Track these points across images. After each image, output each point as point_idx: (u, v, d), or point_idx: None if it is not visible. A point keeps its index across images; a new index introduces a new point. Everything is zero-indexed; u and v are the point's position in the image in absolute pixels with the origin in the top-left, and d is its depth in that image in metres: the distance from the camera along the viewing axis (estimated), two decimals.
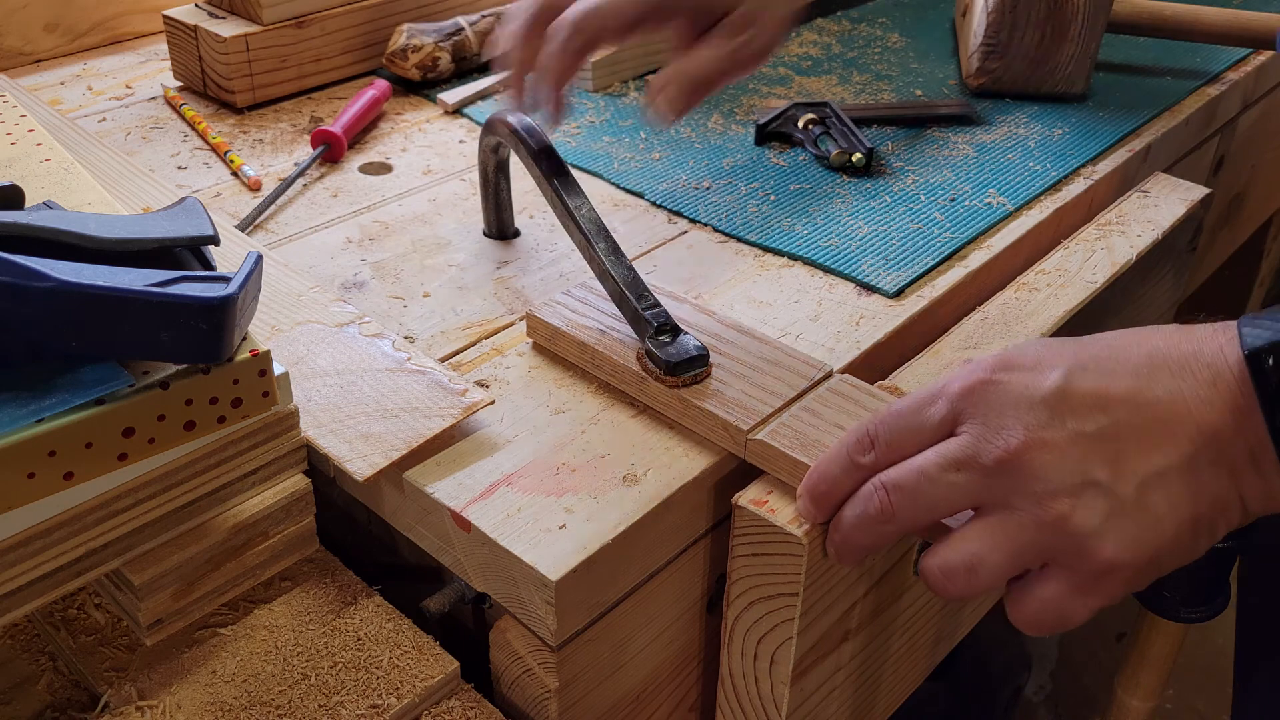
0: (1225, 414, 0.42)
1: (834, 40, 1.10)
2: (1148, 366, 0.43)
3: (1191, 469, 0.42)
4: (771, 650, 0.57)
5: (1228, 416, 0.42)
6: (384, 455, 0.56)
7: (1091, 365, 0.44)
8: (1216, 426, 0.42)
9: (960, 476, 0.44)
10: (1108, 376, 0.43)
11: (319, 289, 0.68)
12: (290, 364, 0.61)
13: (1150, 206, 0.84)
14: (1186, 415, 0.42)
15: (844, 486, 0.48)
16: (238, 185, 0.83)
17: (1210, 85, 1.02)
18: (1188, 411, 0.42)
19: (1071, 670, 1.51)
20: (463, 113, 0.95)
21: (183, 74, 0.96)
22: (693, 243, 0.77)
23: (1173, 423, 0.42)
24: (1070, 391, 0.43)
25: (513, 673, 0.56)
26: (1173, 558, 0.43)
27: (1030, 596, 0.44)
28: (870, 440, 0.47)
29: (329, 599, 0.58)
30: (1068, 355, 0.44)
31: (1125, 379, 0.43)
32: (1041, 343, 0.46)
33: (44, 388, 0.46)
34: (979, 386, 0.45)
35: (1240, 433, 0.41)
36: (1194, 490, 0.42)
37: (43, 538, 0.48)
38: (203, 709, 0.52)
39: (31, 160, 0.68)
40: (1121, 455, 0.42)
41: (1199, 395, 0.42)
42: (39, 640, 0.58)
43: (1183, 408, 0.42)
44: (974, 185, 0.84)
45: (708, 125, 0.93)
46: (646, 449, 0.58)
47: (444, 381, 0.60)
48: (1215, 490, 0.42)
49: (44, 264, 0.44)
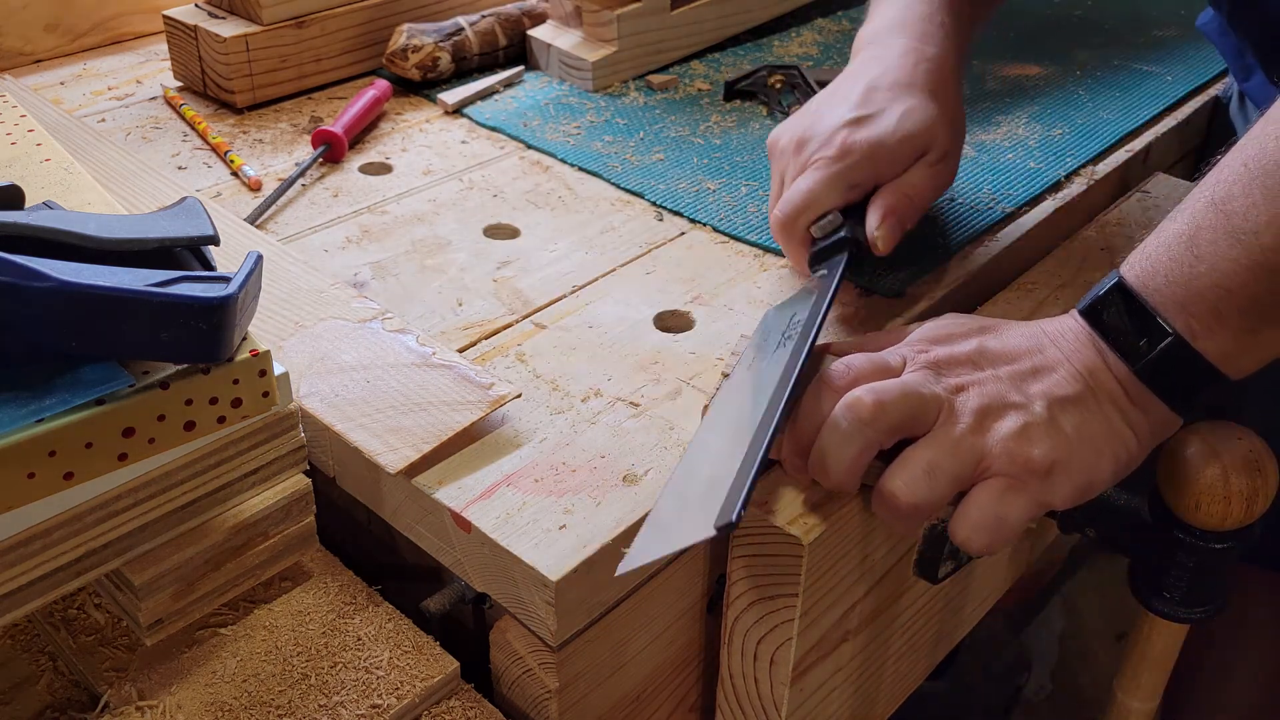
0: (1094, 355, 0.55)
1: (834, 40, 1.10)
2: (1035, 335, 0.57)
3: (1084, 400, 0.54)
4: (771, 651, 0.57)
5: (1097, 357, 0.55)
6: (414, 448, 0.56)
7: (994, 332, 0.57)
8: (1092, 365, 0.55)
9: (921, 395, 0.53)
10: (1008, 341, 0.56)
11: (340, 285, 0.68)
12: (315, 359, 0.62)
13: (1150, 207, 0.84)
14: (1069, 360, 0.55)
15: (823, 410, 0.54)
16: (238, 185, 0.83)
17: (1210, 85, 1.02)
18: (1069, 358, 0.55)
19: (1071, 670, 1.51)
20: (463, 113, 0.95)
21: (183, 74, 0.96)
22: (693, 243, 0.77)
23: (1063, 366, 0.55)
24: (985, 350, 0.56)
25: (513, 673, 0.56)
26: (1081, 471, 0.53)
27: (969, 503, 0.53)
28: (846, 367, 0.55)
29: (329, 599, 0.58)
30: (976, 327, 0.58)
31: (1023, 341, 0.56)
32: (958, 318, 0.59)
33: (44, 388, 0.46)
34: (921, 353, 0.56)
35: (1109, 369, 0.54)
36: (1090, 415, 0.54)
37: (43, 538, 0.48)
38: (203, 709, 0.52)
39: (31, 160, 0.68)
40: (1030, 387, 0.54)
41: (1074, 347, 0.55)
42: (39, 640, 0.58)
43: (1066, 356, 0.55)
44: (974, 185, 0.84)
45: (708, 125, 0.93)
46: (646, 449, 0.58)
47: (470, 375, 0.60)
48: (1107, 418, 0.54)
49: (44, 264, 0.44)
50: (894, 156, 0.68)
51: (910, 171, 0.69)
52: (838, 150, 0.67)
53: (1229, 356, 0.53)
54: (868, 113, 0.69)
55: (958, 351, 0.56)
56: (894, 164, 0.68)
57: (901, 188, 0.68)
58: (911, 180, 0.69)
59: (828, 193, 0.67)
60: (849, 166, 0.67)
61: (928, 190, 0.70)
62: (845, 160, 0.67)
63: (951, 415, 0.53)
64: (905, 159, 0.68)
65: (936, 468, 0.52)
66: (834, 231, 0.67)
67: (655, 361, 0.65)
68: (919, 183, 0.69)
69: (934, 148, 0.69)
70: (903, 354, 0.56)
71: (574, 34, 1.00)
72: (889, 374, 0.55)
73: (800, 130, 0.70)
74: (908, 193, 0.68)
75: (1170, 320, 0.53)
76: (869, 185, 0.68)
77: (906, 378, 0.54)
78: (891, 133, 0.68)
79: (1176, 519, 0.56)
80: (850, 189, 0.67)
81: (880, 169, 0.68)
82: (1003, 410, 0.53)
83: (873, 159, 0.67)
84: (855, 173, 0.67)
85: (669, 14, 1.01)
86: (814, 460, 0.54)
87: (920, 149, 0.69)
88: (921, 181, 0.69)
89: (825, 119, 0.70)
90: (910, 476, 0.52)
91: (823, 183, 0.67)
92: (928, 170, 0.69)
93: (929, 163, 0.69)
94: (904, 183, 0.68)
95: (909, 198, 0.68)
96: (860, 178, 0.67)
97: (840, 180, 0.67)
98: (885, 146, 0.67)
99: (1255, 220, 0.51)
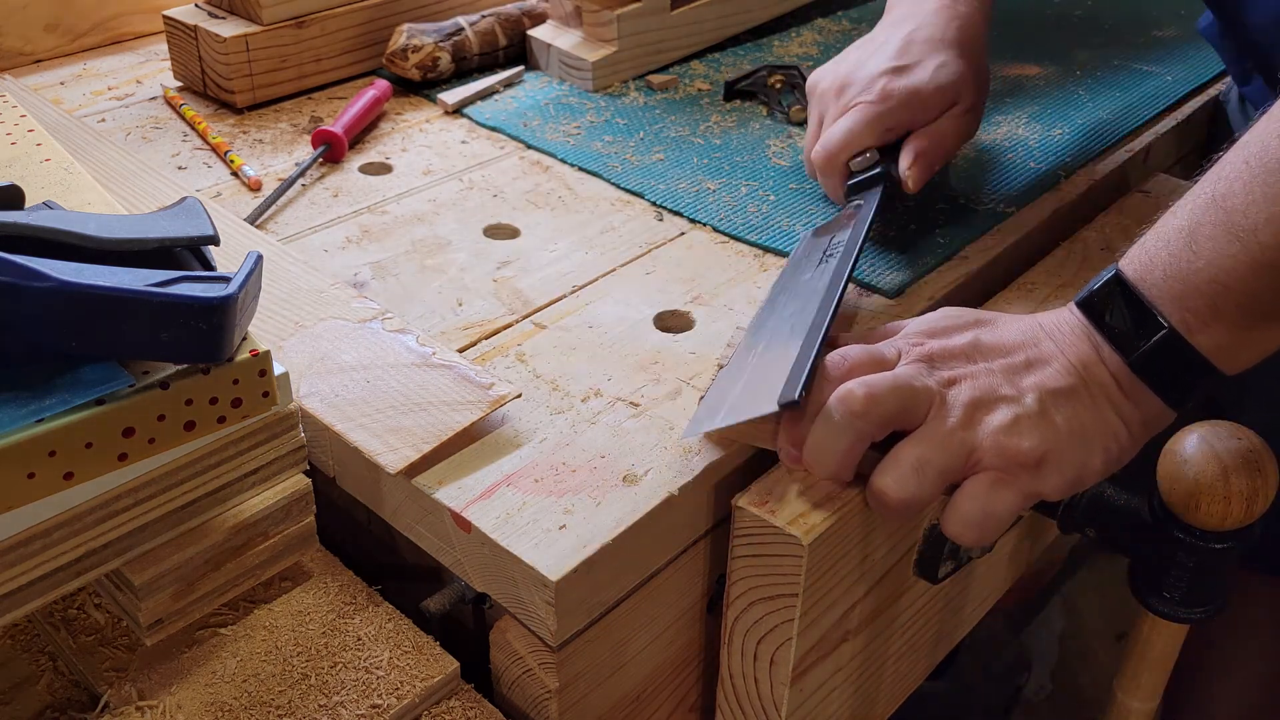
0: (1089, 348, 0.56)
1: (834, 40, 1.10)
2: (1031, 328, 0.57)
3: (1076, 393, 0.55)
4: (771, 651, 0.57)
5: (1091, 350, 0.56)
6: (414, 448, 0.56)
7: (989, 325, 0.58)
8: (1085, 358, 0.55)
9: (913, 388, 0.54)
10: (1003, 334, 0.57)
11: (340, 285, 0.68)
12: (315, 359, 0.62)
13: (1150, 207, 0.84)
14: (1063, 353, 0.56)
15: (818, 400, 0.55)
16: (238, 185, 0.83)
17: (1210, 85, 1.02)
18: (1063, 351, 0.56)
19: (1071, 670, 1.51)
20: (463, 113, 0.95)
21: (183, 74, 0.96)
22: (693, 243, 0.77)
23: (1056, 359, 0.56)
24: (979, 343, 0.57)
25: (513, 673, 0.56)
26: (1071, 463, 0.54)
27: (959, 497, 0.54)
28: (842, 358, 0.56)
29: (329, 599, 0.58)
30: (972, 320, 0.59)
31: (1017, 335, 0.57)
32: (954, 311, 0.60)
33: (44, 388, 0.46)
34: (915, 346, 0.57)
35: (1103, 361, 0.55)
36: (1081, 408, 0.54)
37: (43, 538, 0.48)
38: (203, 709, 0.52)
39: (31, 160, 0.68)
40: (1022, 380, 0.55)
41: (1068, 340, 0.56)
42: (39, 640, 0.58)
43: (1060, 349, 0.56)
44: (975, 184, 0.84)
45: (708, 125, 0.93)
46: (646, 449, 0.58)
47: (470, 375, 0.60)
48: (1099, 411, 0.55)
49: (44, 264, 0.44)
50: (928, 104, 0.74)
51: (941, 120, 0.75)
52: (878, 95, 0.74)
53: (1224, 352, 0.53)
54: (906, 63, 0.75)
55: (952, 344, 0.57)
56: (927, 111, 0.74)
57: (932, 133, 0.75)
58: (941, 127, 0.75)
59: (867, 132, 0.73)
60: (887, 110, 0.73)
61: (955, 137, 0.76)
62: (885, 104, 0.73)
63: (942, 409, 0.54)
64: (937, 107, 0.75)
65: (925, 464, 0.53)
66: (871, 167, 0.74)
67: (655, 361, 0.65)
68: (948, 130, 0.75)
69: (963, 99, 0.75)
70: (898, 346, 0.57)
71: (574, 34, 1.00)
72: (884, 366, 0.56)
73: (842, 75, 0.77)
74: (937, 138, 0.75)
75: (1166, 314, 0.54)
76: (903, 129, 0.75)
77: (899, 370, 0.55)
78: (927, 82, 0.74)
79: (1176, 519, 0.56)
80: (887, 131, 0.74)
81: (915, 115, 0.74)
82: (994, 403, 0.54)
83: (909, 105, 0.74)
84: (892, 116, 0.74)
85: (669, 14, 1.01)
86: (808, 452, 0.54)
87: (951, 99, 0.75)
88: (950, 129, 0.75)
89: (866, 66, 0.76)
90: (899, 474, 0.53)
91: (863, 123, 0.73)
92: (957, 120, 0.76)
93: (957, 113, 0.75)
94: (934, 129, 0.75)
95: (938, 143, 0.75)
96: (896, 121, 0.74)
97: (879, 122, 0.73)
98: (921, 95, 0.74)
99: (1255, 217, 0.51)
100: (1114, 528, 0.58)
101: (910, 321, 0.60)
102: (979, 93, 0.77)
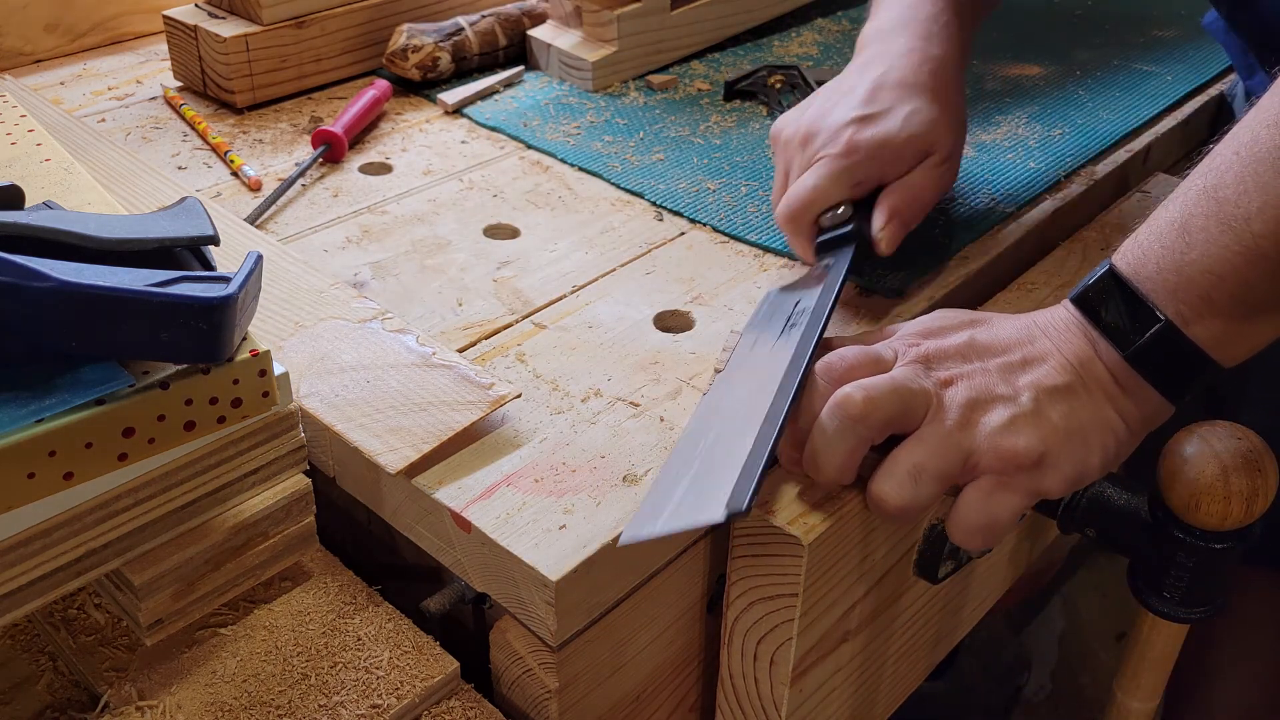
0: (1085, 344, 0.55)
1: (834, 40, 1.10)
2: (1026, 326, 0.57)
3: (1073, 390, 0.54)
4: (771, 651, 0.57)
5: (1087, 346, 0.55)
6: (414, 448, 0.56)
7: (984, 325, 0.58)
8: (1081, 354, 0.55)
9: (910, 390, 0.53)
10: (998, 333, 0.57)
11: (340, 285, 0.68)
12: (315, 359, 0.62)
13: (1150, 207, 0.83)
14: (1059, 350, 0.55)
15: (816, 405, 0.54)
16: (238, 185, 0.83)
17: (1211, 85, 1.02)
18: (1059, 348, 0.56)
19: (1071, 670, 1.51)
20: (463, 113, 0.95)
21: (183, 74, 0.96)
22: (693, 243, 0.77)
23: (1052, 356, 0.55)
24: (975, 343, 0.56)
25: (513, 673, 0.56)
26: (1070, 461, 0.53)
27: (960, 506, 0.54)
28: (839, 359, 0.56)
29: (329, 599, 0.58)
30: (967, 320, 0.58)
31: (1013, 333, 0.57)
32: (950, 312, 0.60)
33: (44, 388, 0.46)
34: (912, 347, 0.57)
35: (1099, 357, 0.55)
36: (1078, 405, 0.54)
37: (43, 538, 0.48)
38: (203, 709, 0.52)
39: (31, 160, 0.68)
40: (1018, 379, 0.54)
41: (1064, 337, 0.56)
42: (39, 640, 0.58)
43: (1056, 346, 0.56)
44: (974, 185, 0.84)
45: (708, 125, 0.93)
46: (646, 449, 0.58)
47: (470, 375, 0.60)
48: (1096, 407, 0.54)
49: (44, 264, 0.44)
50: (899, 156, 0.68)
51: (914, 172, 0.69)
52: (844, 147, 0.68)
53: (1220, 343, 0.53)
54: (874, 111, 0.69)
55: (947, 345, 0.56)
56: (898, 163, 0.69)
57: (906, 189, 0.69)
58: (916, 181, 0.69)
59: (834, 189, 0.68)
60: (855, 164, 0.68)
61: (931, 192, 0.70)
62: (851, 158, 0.68)
63: (939, 411, 0.53)
64: (910, 159, 0.69)
65: (922, 469, 0.52)
66: (843, 224, 0.68)
67: (655, 361, 0.65)
68: (923, 184, 0.69)
69: (938, 149, 0.70)
70: (894, 347, 0.57)
71: (574, 34, 1.00)
72: (881, 367, 0.55)
73: (806, 124, 0.71)
74: (912, 194, 0.69)
75: (1161, 307, 0.54)
76: (873, 183, 0.69)
77: (896, 373, 0.54)
78: (897, 133, 0.68)
79: (1176, 519, 0.56)
80: (856, 186, 0.68)
81: (885, 168, 0.68)
82: (990, 403, 0.54)
83: (878, 158, 0.68)
84: (861, 170, 0.68)
85: (669, 14, 1.01)
86: (808, 456, 0.54)
87: (924, 150, 0.69)
88: (926, 183, 0.69)
89: (832, 115, 0.70)
90: (897, 480, 0.52)
91: (828, 179, 0.68)
92: (932, 172, 0.70)
93: (933, 165, 0.70)
94: (908, 184, 0.69)
95: (913, 199, 0.69)
96: (865, 175, 0.68)
97: (846, 177, 0.68)
98: (890, 146, 0.68)
99: (1247, 207, 0.51)
100: (1114, 528, 0.58)
101: (906, 323, 0.60)
102: (956, 141, 0.71)
